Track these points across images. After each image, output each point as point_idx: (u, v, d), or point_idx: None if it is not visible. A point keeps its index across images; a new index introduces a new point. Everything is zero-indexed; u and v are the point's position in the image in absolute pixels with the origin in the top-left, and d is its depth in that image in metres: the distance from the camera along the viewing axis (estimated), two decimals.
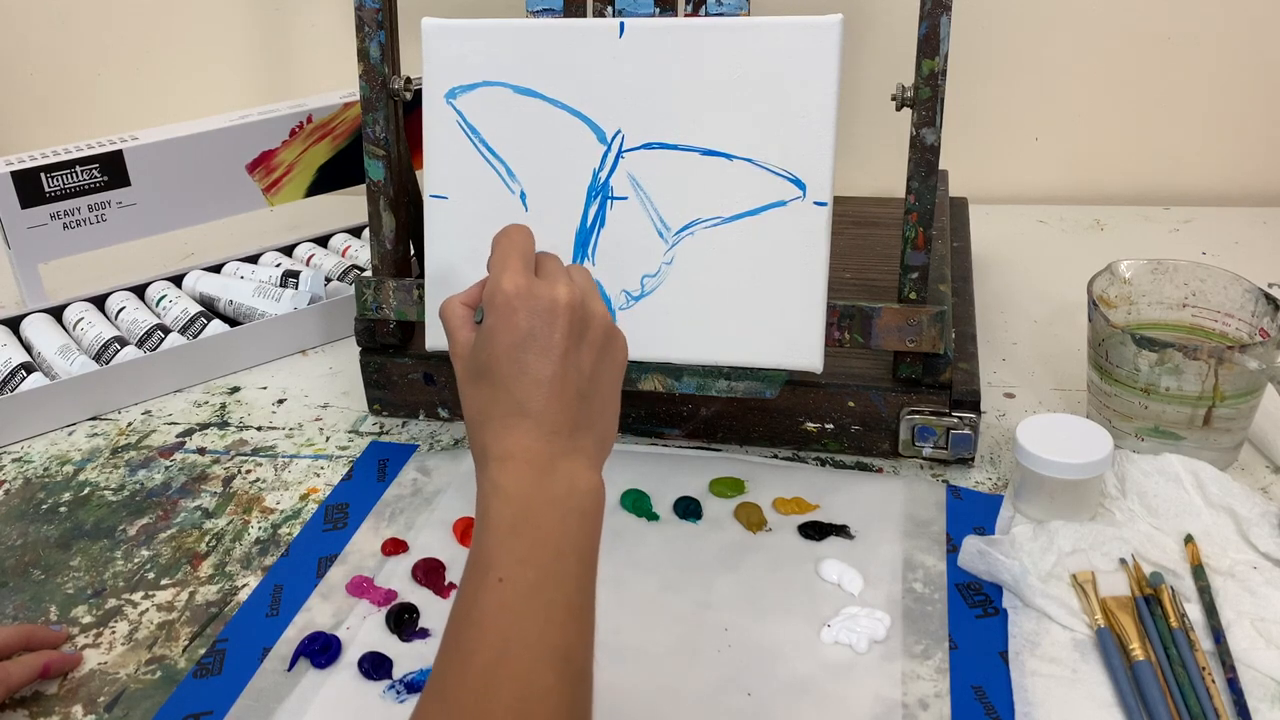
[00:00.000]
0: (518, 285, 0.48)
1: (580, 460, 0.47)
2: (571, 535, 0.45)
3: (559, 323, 0.47)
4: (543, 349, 0.47)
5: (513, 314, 0.47)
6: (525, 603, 0.42)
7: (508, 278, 0.48)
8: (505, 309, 0.48)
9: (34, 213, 0.95)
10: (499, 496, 0.45)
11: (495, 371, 0.47)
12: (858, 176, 1.13)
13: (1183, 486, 0.67)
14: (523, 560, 0.43)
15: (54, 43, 1.32)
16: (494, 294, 0.48)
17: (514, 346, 0.47)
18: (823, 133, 0.66)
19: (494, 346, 0.48)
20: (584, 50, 0.69)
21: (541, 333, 0.47)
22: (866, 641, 0.59)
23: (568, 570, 0.44)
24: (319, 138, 1.06)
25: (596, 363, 0.49)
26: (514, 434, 0.46)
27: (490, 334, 0.48)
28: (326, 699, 0.58)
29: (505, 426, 0.47)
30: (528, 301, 0.47)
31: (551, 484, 0.46)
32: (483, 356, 0.48)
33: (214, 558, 0.69)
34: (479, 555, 0.44)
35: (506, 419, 0.47)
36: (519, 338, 0.47)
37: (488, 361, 0.48)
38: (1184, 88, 1.11)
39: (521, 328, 0.47)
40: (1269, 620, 0.58)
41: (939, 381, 0.72)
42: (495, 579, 0.43)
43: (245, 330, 0.91)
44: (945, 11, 0.65)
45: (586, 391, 0.48)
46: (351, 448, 0.80)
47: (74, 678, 0.61)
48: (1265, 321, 0.71)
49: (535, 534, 0.44)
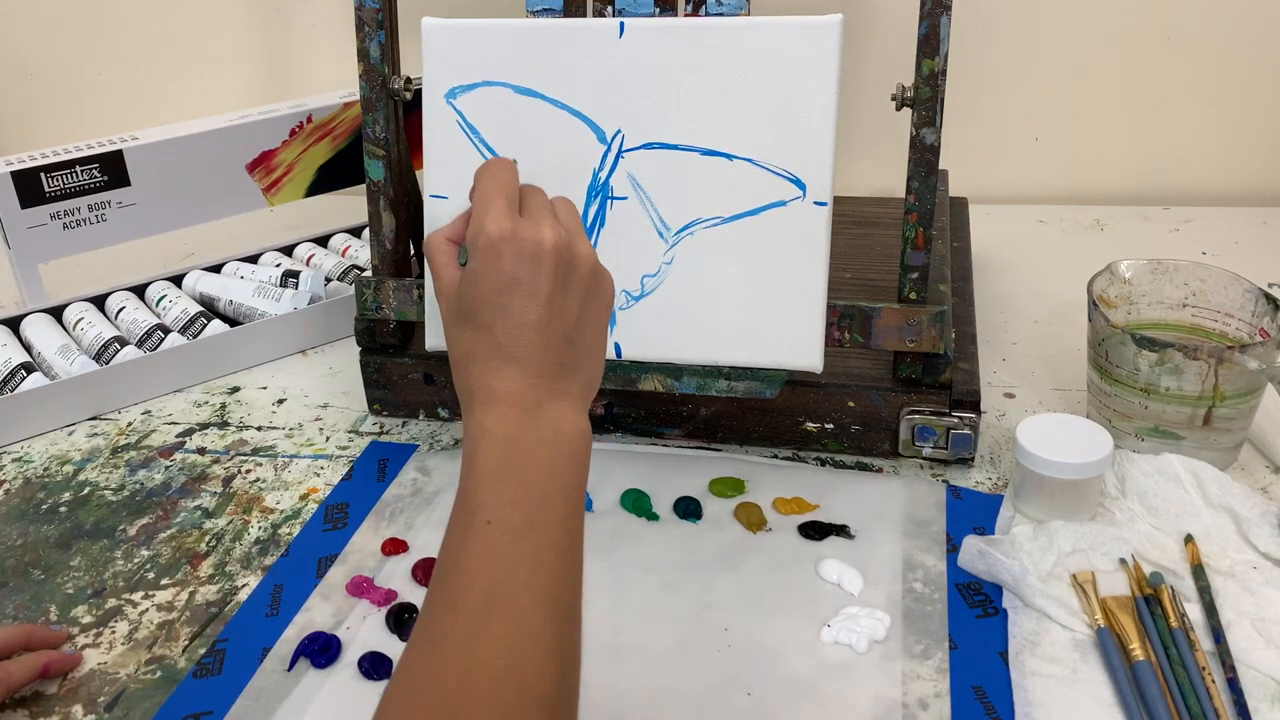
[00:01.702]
0: (502, 227, 0.47)
1: (566, 403, 0.47)
2: (558, 477, 0.45)
3: (544, 266, 0.47)
4: (527, 293, 0.47)
5: (497, 257, 0.47)
6: (513, 545, 0.43)
7: (491, 219, 0.48)
8: (489, 252, 0.47)
9: (34, 213, 0.95)
10: (485, 440, 0.45)
11: (480, 315, 0.47)
12: (858, 176, 1.13)
13: (1183, 486, 0.67)
14: (510, 503, 0.43)
15: (54, 43, 1.32)
16: (477, 236, 0.48)
17: (498, 290, 0.47)
18: (823, 133, 0.66)
19: (478, 290, 0.47)
20: (584, 50, 0.69)
21: (526, 276, 0.47)
22: (866, 641, 0.59)
23: (554, 512, 0.44)
24: (319, 138, 1.06)
25: (582, 305, 0.49)
26: (499, 378, 0.46)
27: (474, 277, 0.47)
28: (326, 699, 0.58)
29: (490, 370, 0.47)
30: (512, 244, 0.47)
31: (537, 427, 0.46)
32: (467, 299, 0.48)
33: (214, 558, 0.70)
34: (465, 498, 0.44)
35: (491, 362, 0.47)
36: (503, 281, 0.47)
37: (472, 304, 0.48)
38: (1184, 88, 1.11)
39: (506, 271, 0.47)
40: (1269, 620, 0.58)
41: (939, 381, 0.72)
42: (483, 521, 0.43)
43: (245, 330, 0.92)
44: (945, 11, 0.65)
45: (572, 335, 0.48)
46: (351, 448, 0.80)
47: (74, 678, 0.61)
48: (1265, 321, 0.71)
49: (522, 476, 0.44)
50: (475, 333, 0.48)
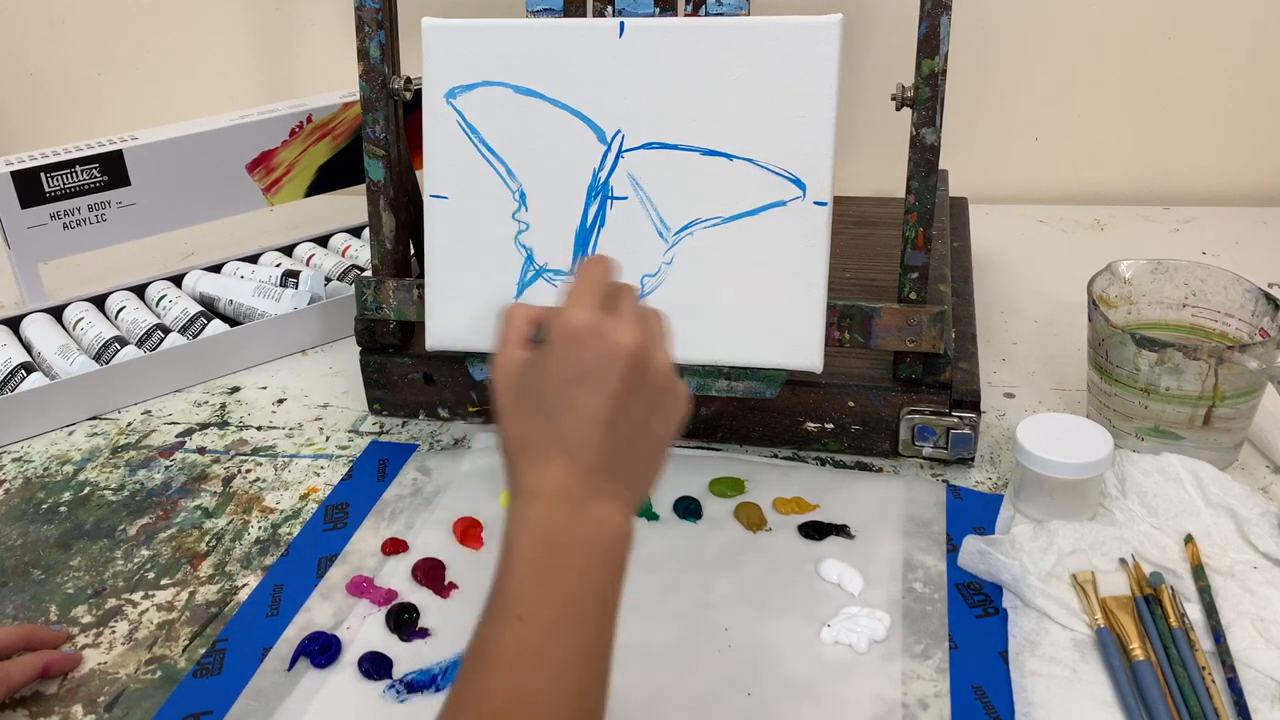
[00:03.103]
0: (585, 320, 0.47)
1: (612, 504, 0.46)
2: (594, 577, 0.44)
3: (618, 366, 0.46)
4: (596, 389, 0.46)
5: (575, 348, 0.46)
6: (543, 643, 0.42)
7: (576, 310, 0.47)
8: (568, 341, 0.46)
9: (34, 213, 0.95)
10: (525, 529, 0.44)
11: (544, 401, 0.46)
12: (858, 176, 1.13)
13: (1183, 486, 0.67)
14: (543, 599, 0.43)
15: (54, 43, 1.32)
16: (560, 323, 0.47)
17: (569, 381, 0.46)
18: (823, 133, 0.66)
19: (549, 376, 0.46)
20: (584, 50, 0.69)
21: (599, 373, 0.46)
22: (866, 641, 0.59)
23: (587, 612, 0.44)
24: (319, 138, 1.06)
25: (649, 412, 0.48)
26: (549, 468, 0.46)
27: (547, 362, 0.47)
28: (326, 699, 0.58)
29: (543, 458, 0.46)
30: (592, 339, 0.46)
31: (580, 523, 0.45)
32: (534, 382, 0.47)
33: (214, 557, 0.70)
34: (500, 589, 0.44)
35: (546, 451, 0.46)
36: (576, 373, 0.46)
37: (539, 389, 0.47)
38: (1184, 87, 1.11)
39: (580, 363, 0.46)
40: (1269, 620, 0.58)
41: (939, 381, 0.72)
42: (514, 616, 0.42)
43: (245, 330, 0.92)
44: (945, 11, 0.65)
45: (632, 440, 0.47)
46: (351, 447, 0.80)
47: (74, 678, 0.61)
48: (1265, 321, 0.71)
49: (557, 573, 0.44)
50: (533, 417, 0.47)
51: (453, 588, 0.65)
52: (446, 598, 0.64)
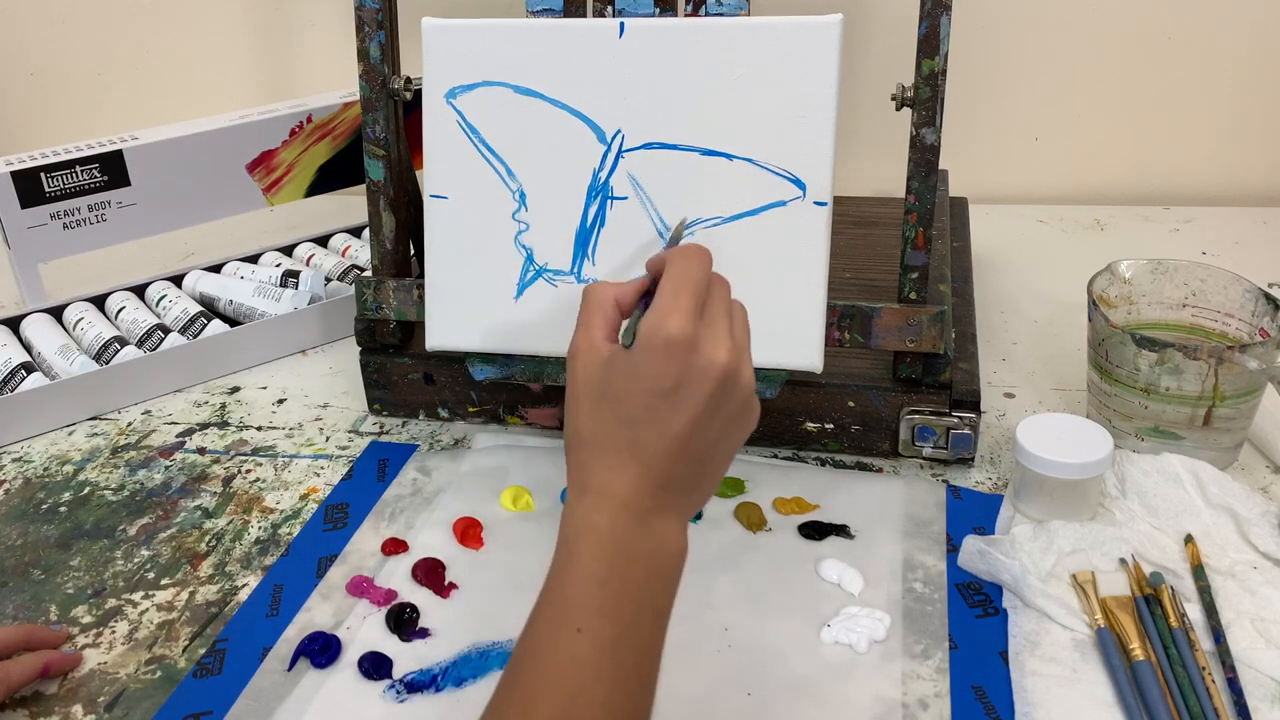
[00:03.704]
0: (685, 331, 0.45)
1: (674, 519, 0.46)
2: (654, 595, 0.44)
3: (708, 385, 0.45)
4: (682, 404, 0.45)
5: (668, 359, 0.45)
6: (600, 659, 0.42)
7: (676, 319, 0.45)
8: (663, 351, 0.45)
9: (34, 213, 0.95)
10: (593, 535, 0.44)
11: (626, 404, 0.46)
12: (858, 176, 1.13)
13: (1183, 486, 0.67)
14: (603, 612, 0.42)
15: (54, 43, 1.32)
16: (657, 331, 0.46)
17: (657, 392, 0.45)
18: (823, 133, 0.66)
19: (636, 382, 0.46)
20: (584, 50, 0.69)
21: (688, 389, 0.45)
22: (866, 641, 0.59)
23: (643, 632, 0.43)
24: (319, 138, 1.06)
25: (724, 429, 0.47)
26: (623, 474, 0.45)
27: (637, 368, 0.46)
28: (326, 699, 0.58)
29: (617, 462, 0.45)
30: (688, 353, 0.45)
31: (645, 538, 0.44)
32: (620, 385, 0.46)
33: (214, 558, 0.70)
34: (558, 593, 0.43)
35: (620, 455, 0.45)
36: (666, 384, 0.45)
37: (624, 391, 0.46)
38: (1184, 88, 1.11)
39: (671, 375, 0.45)
40: (1269, 620, 0.58)
41: (939, 381, 0.72)
42: (574, 627, 0.42)
43: (245, 330, 0.92)
44: (945, 11, 0.65)
45: (705, 455, 0.47)
46: (351, 447, 0.80)
47: (74, 678, 0.61)
48: (1265, 321, 0.71)
49: (621, 588, 0.43)
50: (613, 418, 0.46)
51: (453, 588, 0.65)
52: (446, 598, 0.64)
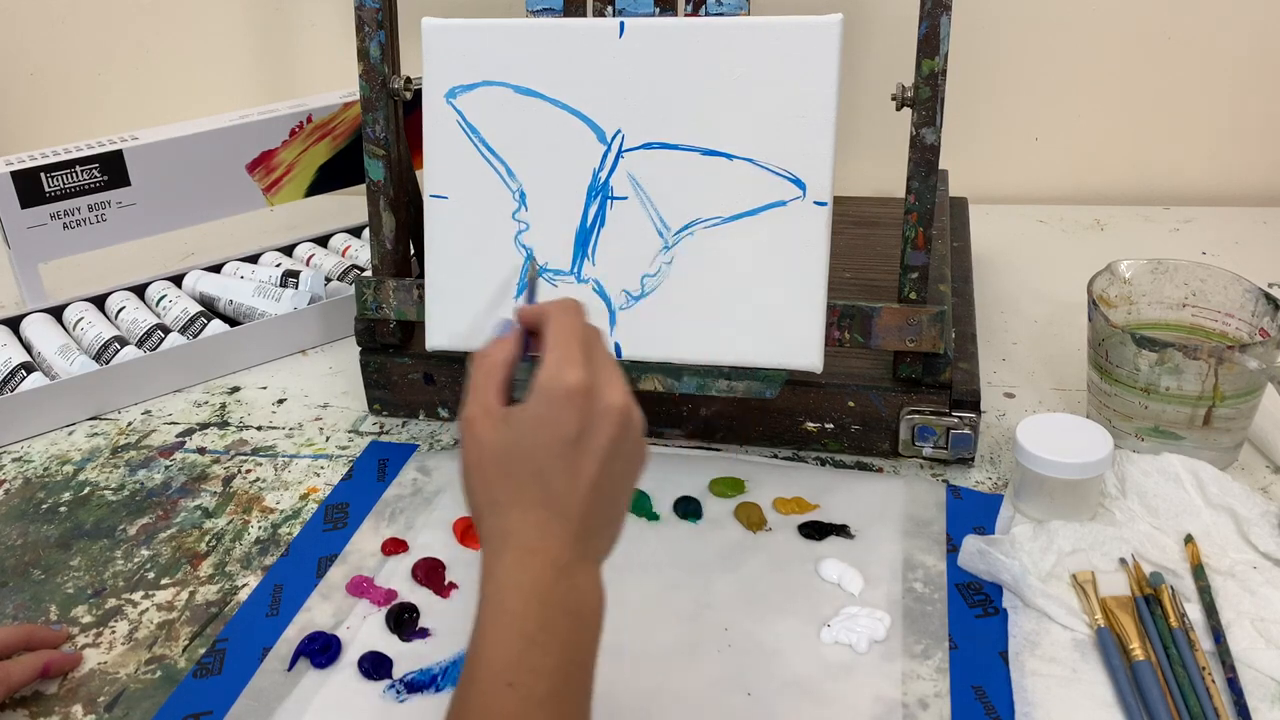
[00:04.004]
0: (581, 381, 0.46)
1: (593, 568, 0.46)
2: (581, 649, 0.45)
3: (611, 428, 0.46)
4: (590, 449, 0.46)
5: (571, 408, 0.46)
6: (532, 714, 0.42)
7: (572, 370, 0.46)
8: (565, 401, 0.46)
9: (34, 213, 0.95)
10: (518, 593, 0.44)
11: (534, 460, 0.46)
12: (858, 176, 1.13)
13: (1183, 486, 0.67)
14: (534, 669, 0.43)
15: (54, 43, 1.32)
16: (556, 383, 0.46)
17: (565, 441, 0.45)
18: (823, 133, 0.66)
19: (543, 433, 0.46)
20: (584, 50, 0.69)
21: (593, 434, 0.46)
22: (866, 641, 0.59)
23: (574, 686, 0.44)
24: (319, 138, 1.06)
25: (625, 469, 0.48)
26: (541, 529, 0.45)
27: (540, 423, 0.46)
28: (326, 699, 0.58)
29: (533, 521, 0.45)
30: (588, 400, 0.46)
31: (570, 590, 0.45)
32: (526, 439, 0.46)
33: (214, 557, 0.70)
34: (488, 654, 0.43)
35: (535, 512, 0.46)
36: (572, 433, 0.45)
37: (531, 446, 0.46)
38: (1184, 88, 1.11)
39: (575, 423, 0.45)
40: (1269, 620, 0.58)
41: (939, 381, 0.72)
42: (504, 683, 0.42)
43: (245, 330, 0.92)
44: (945, 11, 0.65)
45: (612, 497, 0.47)
46: (351, 447, 0.80)
47: (74, 677, 0.61)
48: (1265, 321, 0.71)
49: (550, 643, 0.43)
50: (525, 477, 0.46)
51: (453, 588, 0.65)
52: (446, 598, 0.64)
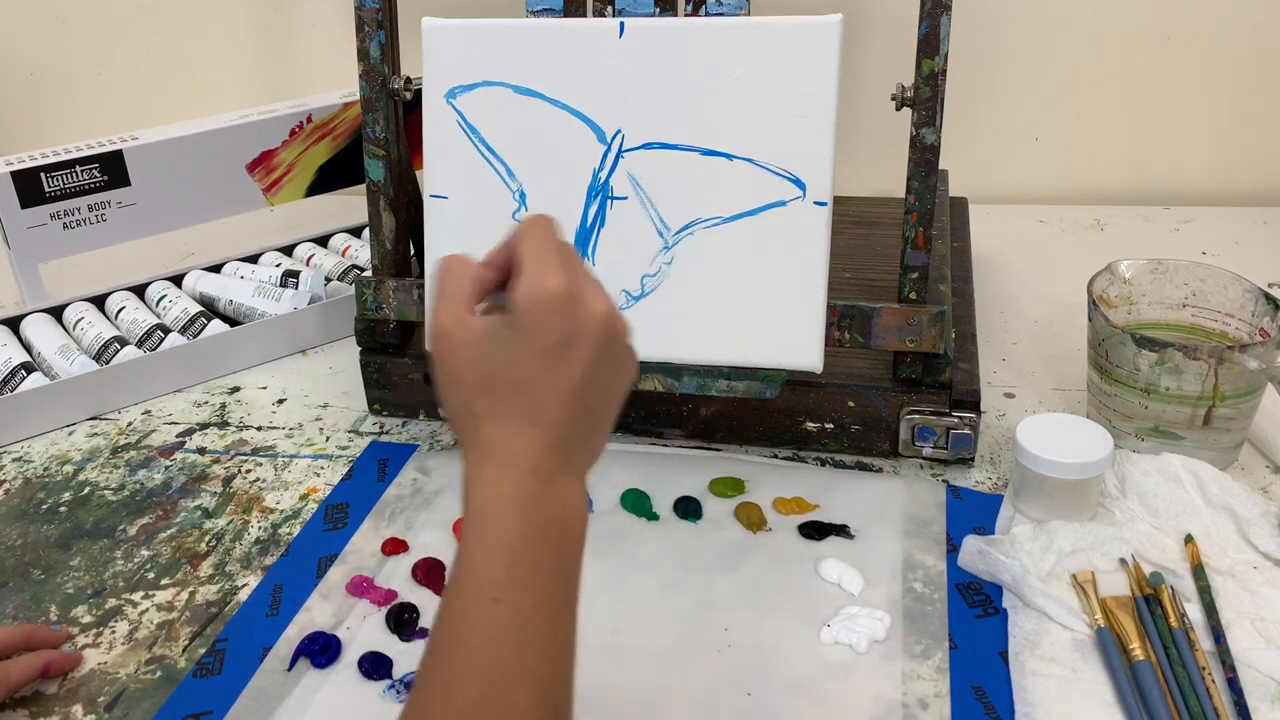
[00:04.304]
0: (566, 286, 0.45)
1: (575, 478, 0.46)
2: (565, 558, 0.44)
3: (596, 333, 0.45)
4: (574, 356, 0.45)
5: (555, 315, 0.45)
6: (520, 629, 0.41)
7: (553, 277, 0.45)
8: (549, 308, 0.45)
9: (34, 213, 0.95)
10: (499, 506, 0.44)
11: (516, 369, 0.45)
12: (858, 176, 1.13)
13: (1183, 486, 0.67)
14: (519, 582, 0.42)
15: (54, 43, 1.32)
16: (538, 291, 0.45)
17: (549, 349, 0.45)
18: (823, 133, 0.66)
19: (521, 346, 0.45)
20: (584, 50, 0.69)
21: (578, 340, 0.45)
22: (866, 641, 0.59)
23: (560, 596, 0.43)
24: (319, 138, 1.06)
25: (611, 378, 0.47)
26: (522, 439, 0.45)
27: (523, 331, 0.45)
28: (326, 699, 0.58)
29: (514, 429, 0.45)
30: (571, 304, 0.45)
31: (551, 501, 0.44)
32: (506, 349, 0.45)
33: (214, 558, 0.70)
34: (472, 567, 0.43)
35: (518, 422, 0.45)
36: (553, 342, 0.45)
37: (511, 357, 0.45)
38: (1184, 88, 1.11)
39: (559, 330, 0.45)
40: (1269, 620, 0.58)
41: (939, 381, 0.72)
42: (489, 598, 0.42)
43: (245, 330, 0.92)
44: (945, 11, 0.65)
45: (597, 406, 0.47)
46: (351, 447, 0.80)
47: (74, 677, 0.61)
48: (1265, 321, 0.71)
49: (533, 555, 0.43)
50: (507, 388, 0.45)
51: None
52: None
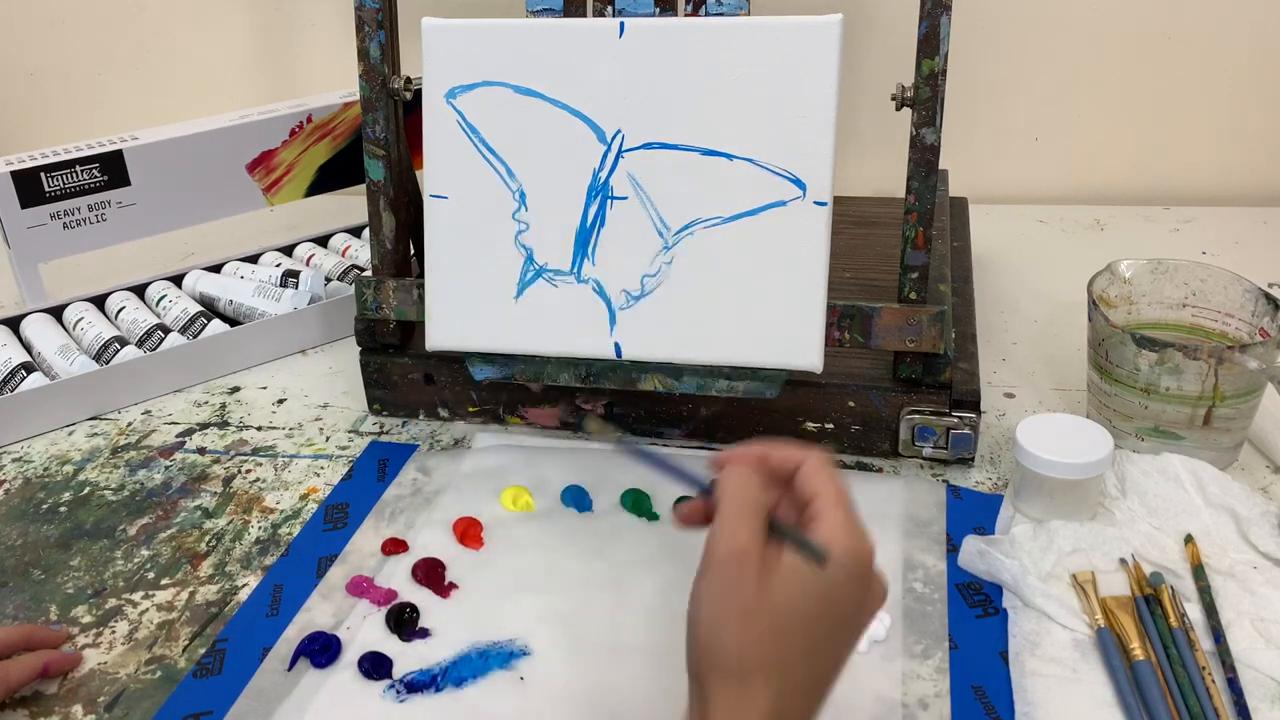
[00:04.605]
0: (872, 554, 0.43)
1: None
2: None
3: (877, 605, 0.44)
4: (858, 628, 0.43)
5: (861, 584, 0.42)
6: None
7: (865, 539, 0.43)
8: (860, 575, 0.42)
9: (34, 213, 0.95)
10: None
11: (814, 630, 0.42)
12: (858, 176, 1.13)
13: (1183, 486, 0.67)
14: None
15: (54, 43, 1.32)
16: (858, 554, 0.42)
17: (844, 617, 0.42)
18: (823, 133, 0.66)
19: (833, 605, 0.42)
20: (584, 50, 0.69)
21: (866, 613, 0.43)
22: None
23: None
24: (319, 138, 1.06)
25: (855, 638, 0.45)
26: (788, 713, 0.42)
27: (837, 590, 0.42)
28: (326, 699, 0.58)
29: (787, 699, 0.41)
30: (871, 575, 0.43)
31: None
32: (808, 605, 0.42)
33: (214, 558, 0.70)
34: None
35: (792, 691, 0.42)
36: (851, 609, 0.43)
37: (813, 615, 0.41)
38: (1184, 88, 1.11)
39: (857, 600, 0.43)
40: (1269, 620, 0.58)
41: (939, 381, 0.72)
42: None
43: (245, 330, 0.92)
44: (945, 11, 0.65)
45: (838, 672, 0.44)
46: (351, 447, 0.80)
47: (74, 677, 0.61)
48: (1265, 321, 0.71)
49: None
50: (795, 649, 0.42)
51: (453, 588, 0.65)
52: (446, 598, 0.64)
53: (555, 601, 0.63)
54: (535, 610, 0.62)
